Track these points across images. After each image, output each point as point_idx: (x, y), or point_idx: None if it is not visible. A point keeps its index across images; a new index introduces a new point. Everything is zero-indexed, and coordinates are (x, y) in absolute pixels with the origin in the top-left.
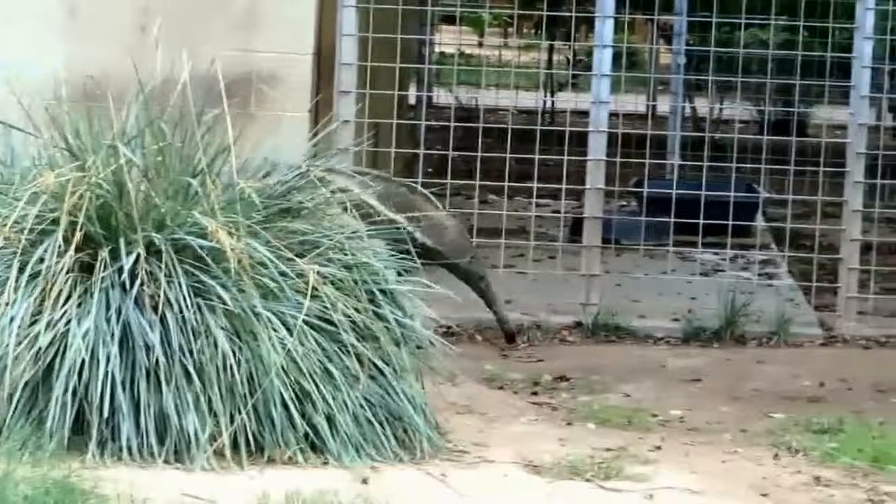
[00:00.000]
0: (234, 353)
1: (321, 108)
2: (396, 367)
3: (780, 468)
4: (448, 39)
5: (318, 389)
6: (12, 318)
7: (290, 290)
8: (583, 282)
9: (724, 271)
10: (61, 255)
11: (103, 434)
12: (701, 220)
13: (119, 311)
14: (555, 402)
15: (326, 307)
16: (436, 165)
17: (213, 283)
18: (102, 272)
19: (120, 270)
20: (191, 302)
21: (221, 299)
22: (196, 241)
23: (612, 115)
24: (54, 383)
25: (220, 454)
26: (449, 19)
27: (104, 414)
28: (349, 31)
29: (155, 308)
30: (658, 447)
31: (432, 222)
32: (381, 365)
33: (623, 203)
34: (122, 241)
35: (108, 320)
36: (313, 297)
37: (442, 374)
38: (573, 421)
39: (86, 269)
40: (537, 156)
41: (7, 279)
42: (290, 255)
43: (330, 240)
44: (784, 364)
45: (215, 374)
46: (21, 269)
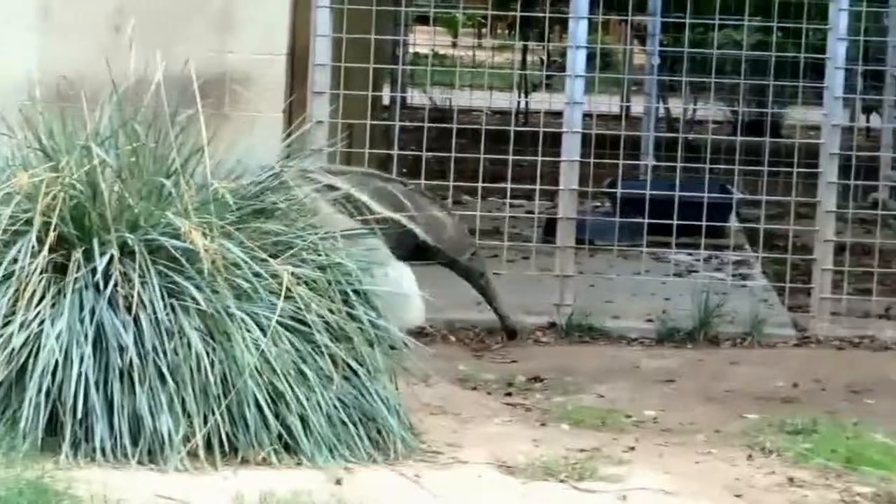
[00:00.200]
0: (207, 353)
1: (295, 108)
2: (370, 368)
3: (753, 469)
4: (422, 40)
5: (292, 390)
6: None
7: (263, 290)
8: (556, 282)
9: (697, 272)
10: (35, 255)
11: (77, 435)
12: (675, 221)
13: (93, 312)
14: (528, 402)
15: (300, 308)
16: (410, 166)
17: (186, 283)
18: (76, 273)
19: (94, 271)
20: (164, 303)
21: (195, 300)
22: (170, 242)
23: (586, 116)
24: (28, 384)
25: (193, 455)
26: (423, 20)
27: (78, 415)
28: (323, 31)
29: (129, 309)
30: (632, 448)
31: (431, 219)
32: (355, 365)
33: (597, 204)
34: (95, 241)
35: (82, 321)
36: (287, 297)
37: (416, 375)
38: (547, 422)
39: (59, 269)
40: (511, 156)
41: None
42: (264, 255)
43: (303, 240)
44: (758, 365)
45: (189, 374)
46: None
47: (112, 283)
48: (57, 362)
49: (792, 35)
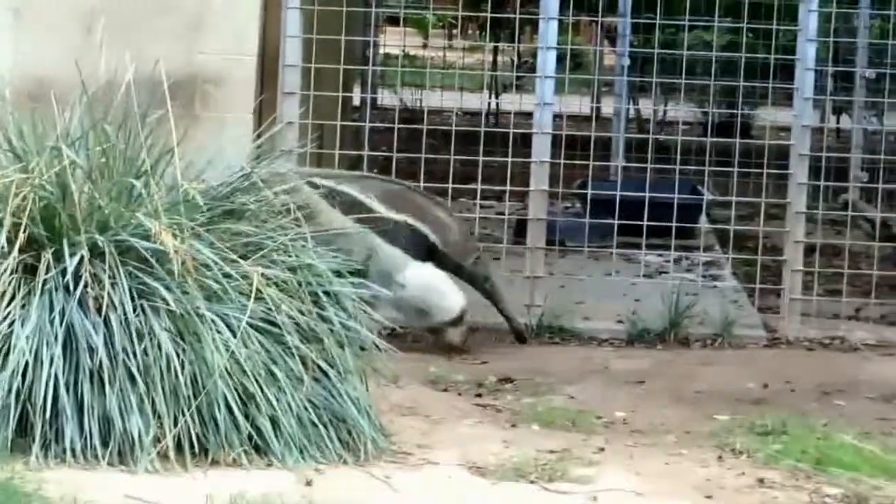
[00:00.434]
0: (177, 354)
1: (265, 109)
2: (340, 369)
3: (724, 470)
4: (392, 41)
5: (262, 391)
6: None
7: (233, 291)
8: (527, 283)
9: (668, 273)
10: (4, 256)
11: (47, 436)
12: (645, 222)
13: (63, 313)
14: (499, 403)
15: (270, 309)
16: (380, 167)
17: (156, 284)
18: (46, 274)
19: (63, 272)
20: (134, 304)
21: (165, 301)
22: (140, 243)
23: (557, 117)
24: None
25: (164, 456)
26: (393, 20)
27: (48, 415)
28: (293, 32)
29: (99, 310)
30: (602, 449)
31: (437, 222)
32: (325, 367)
33: (567, 205)
34: (65, 242)
35: (52, 322)
36: (257, 298)
37: (386, 376)
38: (517, 423)
39: (29, 270)
40: (481, 157)
41: None
42: (234, 256)
43: (274, 242)
44: (728, 366)
45: (159, 375)
46: None
47: (82, 284)
48: (27, 363)
49: (762, 36)
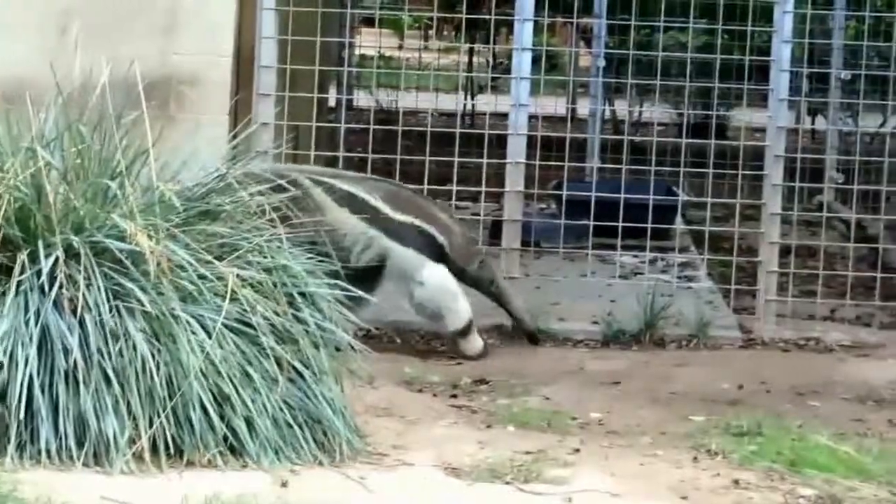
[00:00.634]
0: (153, 356)
1: (240, 110)
2: (315, 370)
3: (699, 471)
4: (368, 42)
5: (238, 392)
6: None
7: (209, 292)
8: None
9: (643, 274)
10: None
11: (22, 437)
12: (620, 223)
13: (38, 314)
14: (474, 404)
15: (245, 310)
16: (356, 168)
17: (132, 285)
18: (21, 275)
19: (38, 273)
20: (110, 305)
21: (140, 302)
22: (115, 244)
23: (532, 118)
24: None
25: (139, 457)
26: (369, 21)
27: (23, 417)
28: (268, 33)
29: (74, 311)
30: (577, 450)
31: (443, 225)
32: (301, 368)
33: (543, 206)
34: (40, 243)
35: (27, 323)
36: (232, 299)
37: (361, 377)
38: (493, 424)
39: (4, 271)
40: (456, 158)
41: None
42: (210, 257)
43: (249, 243)
44: (703, 367)
45: (134, 377)
46: None
47: (57, 285)
48: (1, 364)
49: (737, 37)
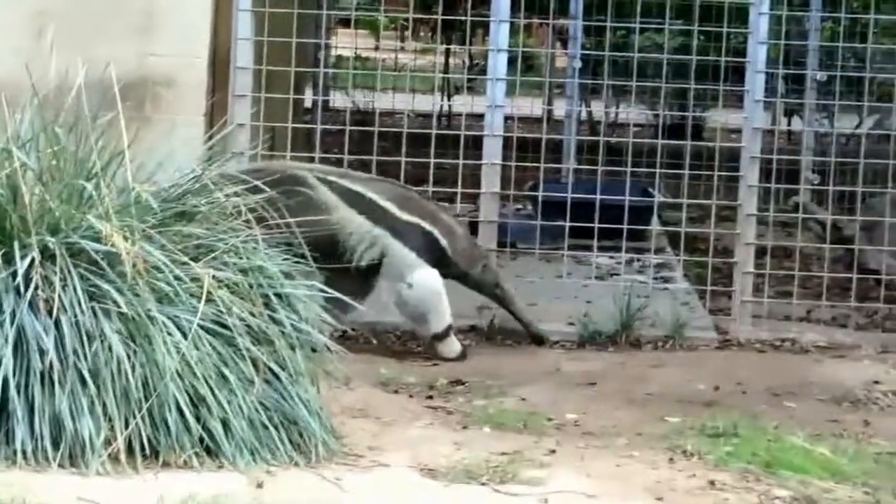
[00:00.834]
0: (128, 357)
1: (216, 111)
2: (292, 371)
3: (675, 472)
4: (344, 43)
5: (213, 393)
6: None
7: (185, 294)
8: None
9: (619, 275)
10: None
11: None
12: (596, 224)
13: (13, 315)
14: (450, 405)
15: (221, 311)
16: None
17: (107, 287)
18: None
19: (14, 274)
20: (85, 306)
21: (116, 303)
22: (91, 245)
23: (508, 119)
24: None
25: (115, 458)
26: (345, 22)
27: None
28: (244, 34)
29: (49, 312)
30: (553, 451)
31: (447, 227)
32: (277, 369)
33: (519, 206)
34: (16, 244)
35: (2, 324)
36: (208, 300)
37: (337, 378)
38: (469, 425)
39: None
40: (432, 159)
41: None
42: (185, 259)
43: (225, 244)
44: (679, 368)
45: (110, 378)
46: None
47: (33, 286)
48: None
49: (713, 39)
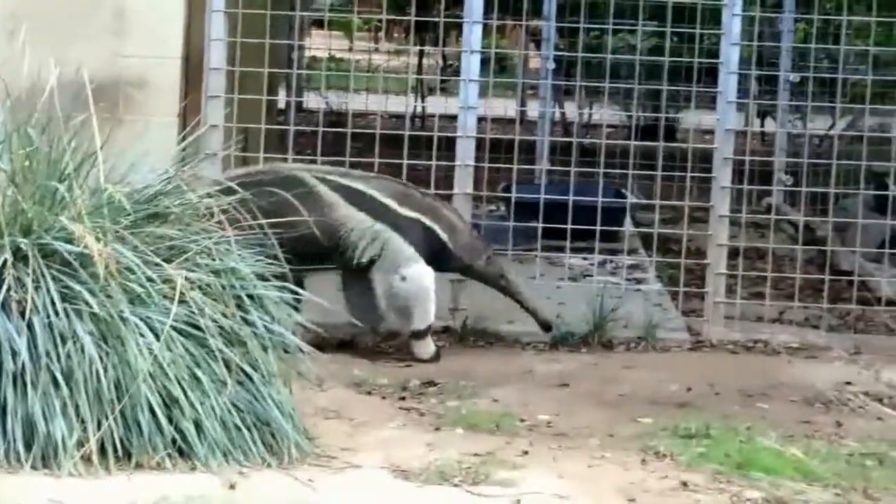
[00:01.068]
0: (101, 358)
1: (189, 112)
2: (264, 373)
3: (647, 473)
4: (318, 44)
5: (186, 395)
6: None
7: (157, 295)
8: (451, 287)
9: (592, 276)
10: None
11: None
12: (569, 225)
13: None
14: (423, 407)
15: (194, 312)
16: None
17: (80, 288)
18: None
19: None
20: (58, 307)
21: (89, 305)
22: (63, 247)
23: (481, 120)
24: None
25: (87, 460)
26: (319, 23)
27: None
28: (217, 35)
29: (22, 313)
30: (526, 452)
31: (449, 223)
32: (249, 370)
33: (492, 208)
34: None
35: None
36: (181, 302)
37: (310, 380)
38: (441, 426)
39: None
40: (405, 160)
41: None
42: (158, 260)
43: (197, 245)
44: (652, 369)
45: (83, 379)
46: None
47: (5, 287)
48: None
49: (686, 40)
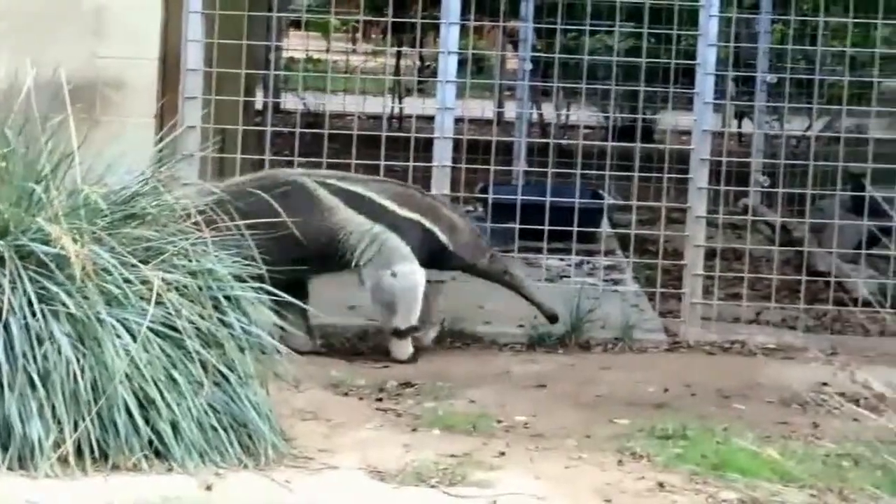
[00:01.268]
0: (78, 359)
1: (167, 113)
2: (241, 374)
3: (624, 474)
4: (296, 44)
5: (163, 396)
6: None
7: (134, 296)
8: (428, 287)
9: (569, 277)
10: None
11: None
12: (546, 226)
13: None
14: (400, 408)
15: (171, 314)
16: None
17: (57, 289)
18: None
19: None
20: (35, 308)
21: (65, 306)
22: (40, 248)
23: (459, 121)
24: None
25: (64, 461)
26: (296, 24)
27: None
28: (195, 36)
29: None
30: (502, 453)
31: (449, 223)
32: (226, 371)
33: (469, 209)
34: None
35: None
36: (158, 303)
37: (287, 380)
38: (418, 427)
39: None
40: (383, 161)
41: None
42: (135, 261)
43: (174, 246)
44: (629, 370)
45: (59, 380)
46: None
47: None
48: None
49: (663, 41)
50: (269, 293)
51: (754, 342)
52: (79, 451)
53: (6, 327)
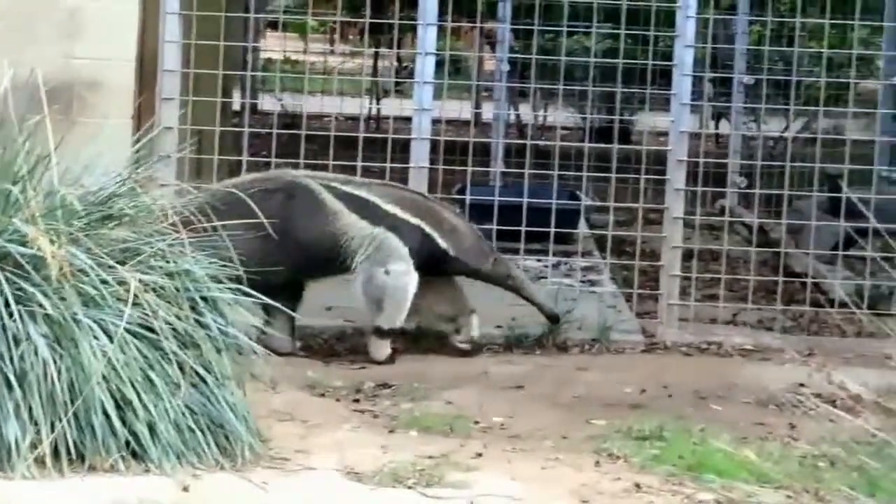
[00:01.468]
0: (54, 360)
1: (144, 114)
2: (218, 375)
3: (600, 475)
4: (273, 45)
5: (140, 397)
6: None
7: (111, 297)
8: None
9: (546, 278)
10: None
11: None
12: (524, 227)
13: None
14: (377, 409)
15: (148, 315)
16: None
17: (33, 290)
18: None
19: None
20: (12, 309)
21: (42, 307)
22: (17, 249)
23: (436, 122)
24: None
25: (41, 462)
26: (274, 25)
27: None
28: (172, 37)
29: None
30: (479, 454)
31: (451, 228)
32: (203, 372)
33: None
34: None
35: None
36: (135, 304)
37: (264, 382)
38: (395, 428)
39: None
40: (360, 162)
41: None
42: (112, 262)
43: (151, 247)
44: (606, 371)
45: (36, 381)
46: None
47: None
48: None
49: (641, 42)
50: (249, 295)
51: (731, 343)
52: (55, 453)
53: None
